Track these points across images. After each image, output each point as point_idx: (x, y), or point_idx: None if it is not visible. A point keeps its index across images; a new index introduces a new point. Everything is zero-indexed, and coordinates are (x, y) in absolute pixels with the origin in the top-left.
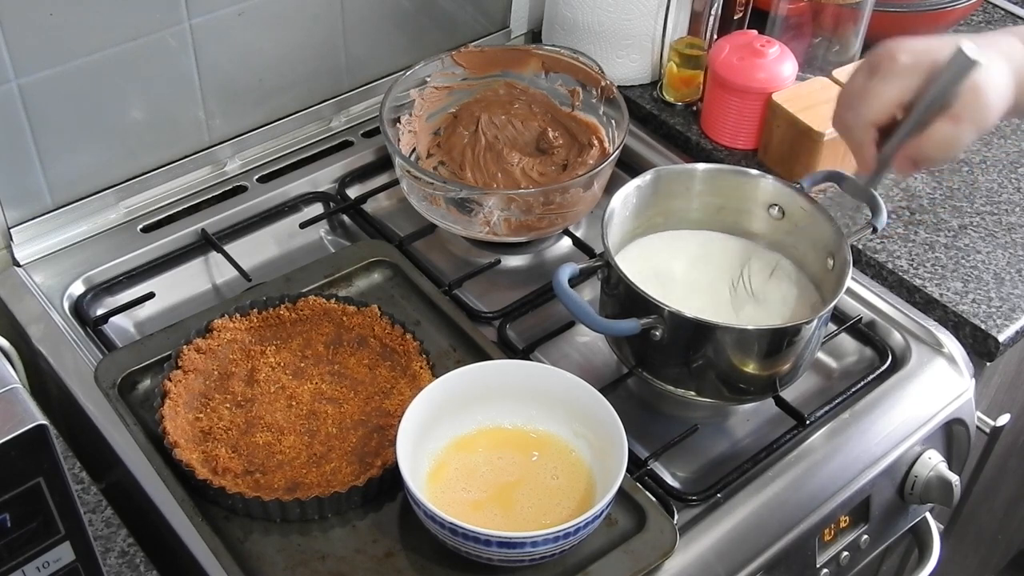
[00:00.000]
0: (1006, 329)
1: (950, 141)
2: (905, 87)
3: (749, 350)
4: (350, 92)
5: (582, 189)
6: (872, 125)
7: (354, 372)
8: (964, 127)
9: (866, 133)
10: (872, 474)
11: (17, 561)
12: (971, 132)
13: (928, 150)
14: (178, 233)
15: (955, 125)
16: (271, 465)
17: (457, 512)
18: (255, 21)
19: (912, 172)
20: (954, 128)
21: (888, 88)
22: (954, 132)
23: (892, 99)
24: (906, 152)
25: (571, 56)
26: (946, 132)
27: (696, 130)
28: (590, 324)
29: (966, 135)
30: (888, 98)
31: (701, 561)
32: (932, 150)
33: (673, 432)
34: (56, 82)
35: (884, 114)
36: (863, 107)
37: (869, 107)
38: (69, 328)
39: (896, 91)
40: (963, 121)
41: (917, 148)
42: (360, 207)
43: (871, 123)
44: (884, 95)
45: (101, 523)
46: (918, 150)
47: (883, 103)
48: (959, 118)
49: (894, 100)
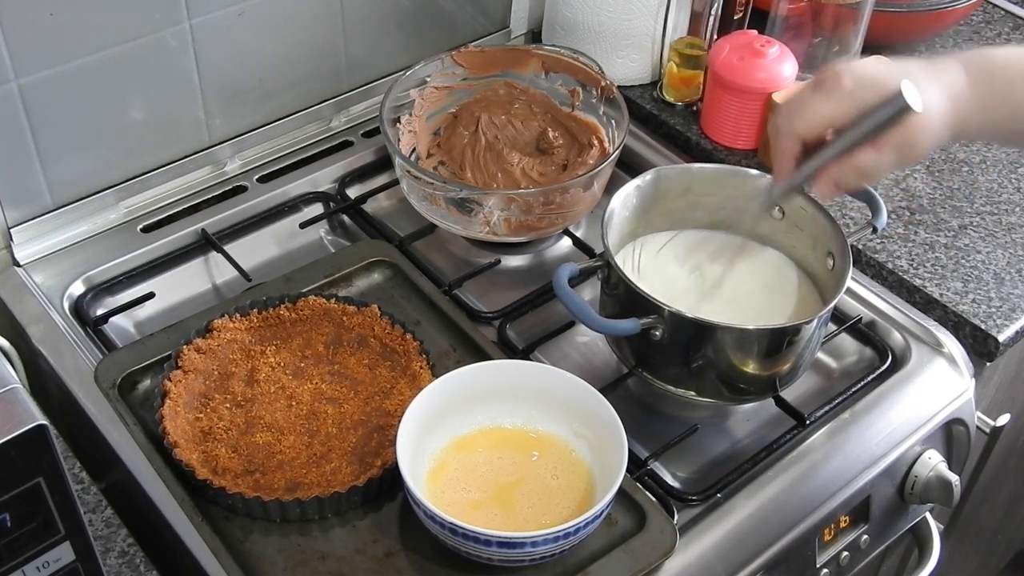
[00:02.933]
0: (1006, 329)
1: (872, 169)
2: (840, 110)
3: (749, 350)
4: (350, 92)
5: (582, 189)
6: (799, 137)
7: (354, 372)
8: (888, 156)
9: (790, 143)
10: (872, 474)
11: (17, 561)
12: (894, 162)
13: (849, 176)
14: (178, 233)
15: (879, 154)
16: (271, 465)
17: (457, 512)
18: (255, 21)
19: (832, 195)
20: (876, 157)
21: (823, 107)
22: (875, 161)
23: (824, 118)
24: (827, 174)
25: (571, 56)
26: (869, 160)
27: (696, 130)
28: (590, 324)
29: (889, 164)
30: (820, 116)
31: (701, 561)
32: (853, 176)
33: (673, 432)
34: (56, 82)
35: (813, 129)
36: (796, 118)
37: (801, 119)
38: (69, 328)
39: (830, 111)
40: (887, 150)
41: (839, 173)
42: (360, 207)
43: (798, 135)
44: (817, 112)
45: (101, 523)
46: (840, 175)
47: (814, 119)
48: (883, 147)
49: (825, 119)
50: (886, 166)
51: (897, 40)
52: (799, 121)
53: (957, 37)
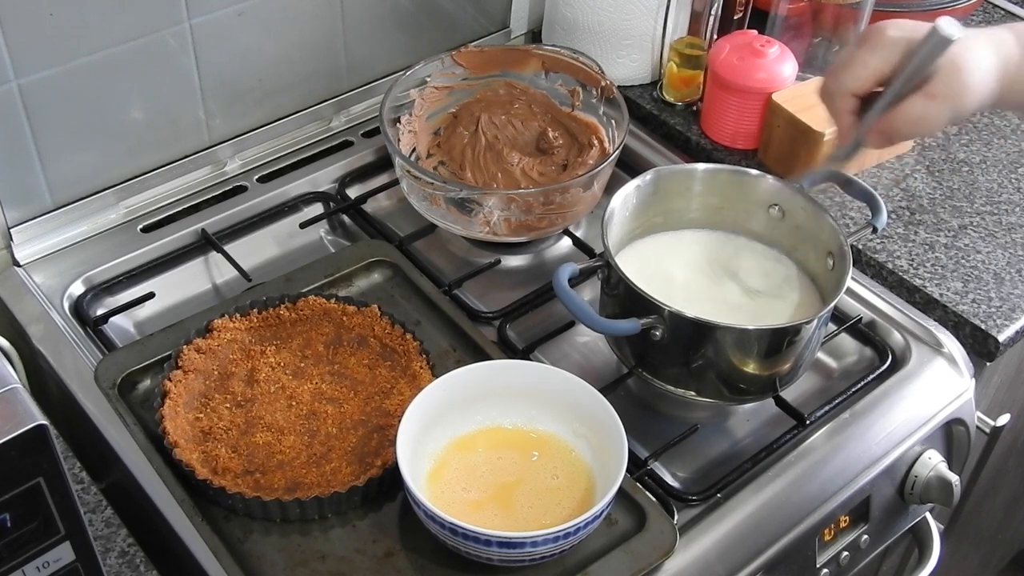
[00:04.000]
0: (1006, 329)
1: (923, 117)
2: (886, 59)
3: (749, 350)
4: (350, 92)
5: (582, 189)
6: (851, 93)
7: (354, 372)
8: (938, 104)
9: (844, 100)
10: (872, 474)
11: (17, 561)
12: (945, 110)
13: (900, 124)
14: (178, 233)
15: (929, 101)
16: (271, 465)
17: (457, 512)
18: (255, 21)
19: (885, 146)
20: (927, 104)
21: (870, 58)
22: (927, 108)
23: (873, 69)
24: (880, 126)
25: (571, 56)
26: (919, 108)
27: (696, 130)
28: (590, 324)
29: (940, 112)
30: (869, 68)
31: (701, 561)
32: (904, 124)
33: (673, 432)
34: (56, 82)
35: (864, 83)
36: (845, 75)
37: (850, 75)
38: (69, 328)
39: (877, 62)
40: (937, 98)
41: (890, 122)
42: (360, 207)
43: (850, 90)
44: (865, 65)
45: (101, 523)
46: (891, 124)
47: (864, 72)
48: (934, 95)
49: (874, 70)
50: (937, 114)
51: None
52: (848, 77)
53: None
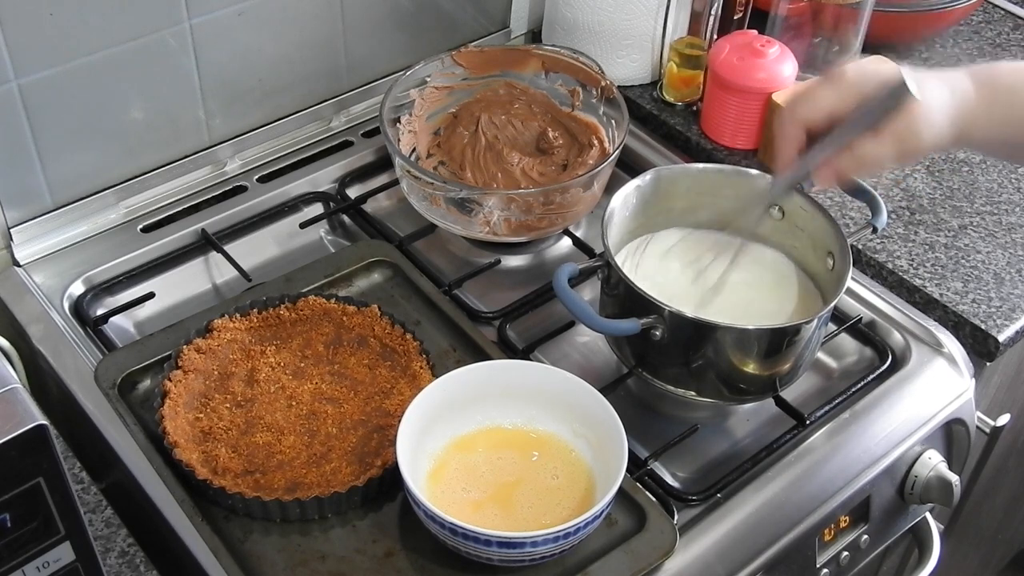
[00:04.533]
0: (1006, 329)
1: (870, 158)
2: (842, 99)
3: (749, 350)
4: (350, 92)
5: (582, 189)
6: (802, 123)
7: (354, 372)
8: (886, 144)
9: (793, 129)
10: (872, 474)
11: (17, 561)
12: (893, 154)
13: (848, 163)
14: (178, 233)
15: (878, 144)
16: (271, 465)
17: (457, 512)
18: (255, 21)
19: (831, 185)
20: (876, 147)
21: (826, 95)
22: (875, 150)
23: (826, 105)
24: (828, 164)
25: (571, 56)
26: (868, 149)
27: (696, 130)
28: (590, 324)
29: (887, 156)
30: (823, 103)
31: (701, 561)
32: (852, 164)
33: (673, 432)
34: (56, 82)
35: (815, 118)
36: (799, 107)
37: (804, 108)
38: (69, 328)
39: (832, 100)
40: (887, 142)
41: (839, 162)
42: (360, 207)
43: (801, 121)
44: (820, 100)
45: (101, 523)
46: (839, 163)
47: (816, 106)
48: (883, 138)
49: (828, 107)
50: (886, 156)
51: (897, 40)
52: (802, 108)
53: (957, 37)
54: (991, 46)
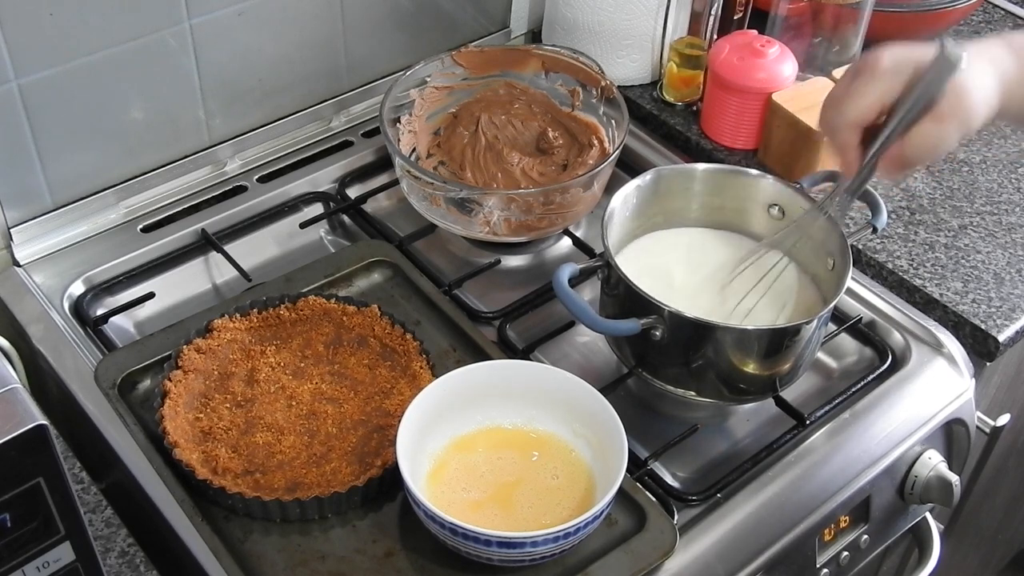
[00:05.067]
0: (1006, 329)
1: (935, 141)
2: (887, 88)
3: (749, 350)
4: (350, 92)
5: (582, 189)
6: (856, 125)
7: (354, 372)
8: (948, 127)
9: (850, 133)
10: (872, 474)
11: (17, 561)
12: (955, 132)
13: (913, 151)
14: (178, 233)
15: (939, 125)
16: (271, 465)
17: (457, 512)
18: (255, 21)
19: (899, 175)
20: (938, 128)
21: (871, 89)
22: (938, 132)
23: (875, 100)
24: (891, 154)
25: (571, 56)
26: (930, 132)
27: (696, 130)
28: (590, 324)
29: (951, 135)
30: (871, 99)
31: (701, 561)
32: (917, 151)
33: (673, 432)
34: (56, 82)
35: (867, 115)
36: (847, 107)
37: (852, 107)
38: (69, 328)
39: (879, 92)
40: (947, 121)
41: (901, 149)
42: (360, 207)
43: (854, 123)
44: (867, 96)
45: (101, 523)
46: (903, 151)
47: (866, 104)
48: (943, 118)
49: (877, 101)
50: (949, 136)
51: (897, 40)
52: (850, 109)
53: (957, 37)
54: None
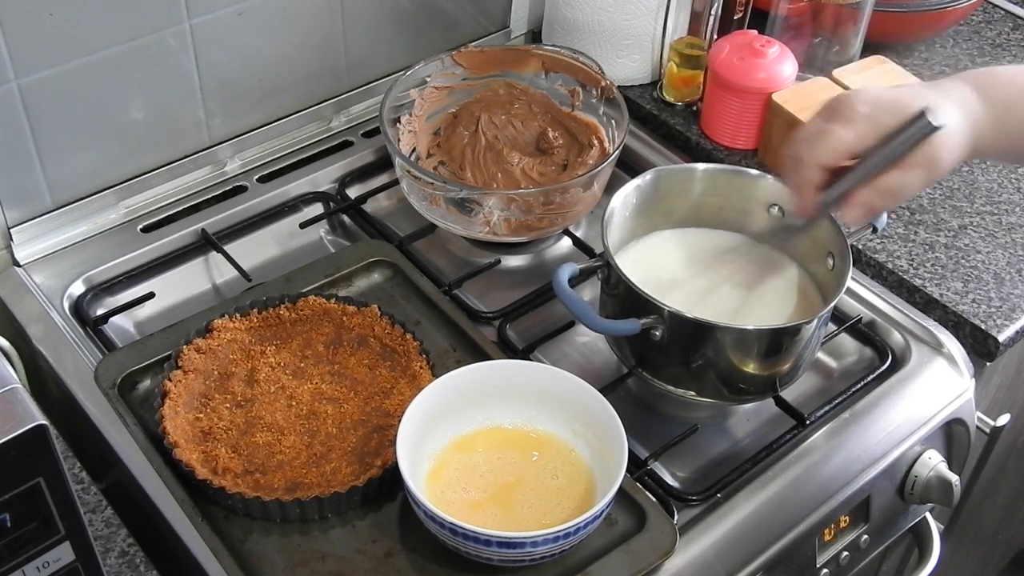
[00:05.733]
0: (1006, 329)
1: (901, 188)
2: (861, 135)
3: (749, 350)
4: (350, 92)
5: (582, 189)
6: (823, 166)
7: (354, 372)
8: (915, 174)
9: (814, 172)
10: (872, 474)
11: (17, 561)
12: (921, 182)
13: (879, 198)
14: (178, 233)
15: (906, 173)
16: (271, 465)
17: (457, 512)
18: (255, 21)
19: (863, 221)
20: (904, 176)
21: (845, 134)
22: (903, 180)
23: (847, 144)
24: (858, 199)
25: (571, 56)
26: (896, 180)
27: (696, 130)
28: (590, 324)
29: (915, 183)
30: (843, 143)
31: (701, 561)
32: (883, 197)
33: (673, 432)
34: (56, 82)
35: (837, 157)
36: (818, 147)
37: (823, 147)
38: (69, 328)
39: (852, 138)
40: (913, 169)
41: (869, 196)
42: (360, 207)
43: (821, 164)
44: (840, 139)
45: (101, 523)
46: (870, 198)
47: (838, 147)
48: (910, 166)
49: (848, 146)
50: (915, 185)
51: (897, 40)
52: (822, 150)
53: (957, 37)
54: (991, 46)
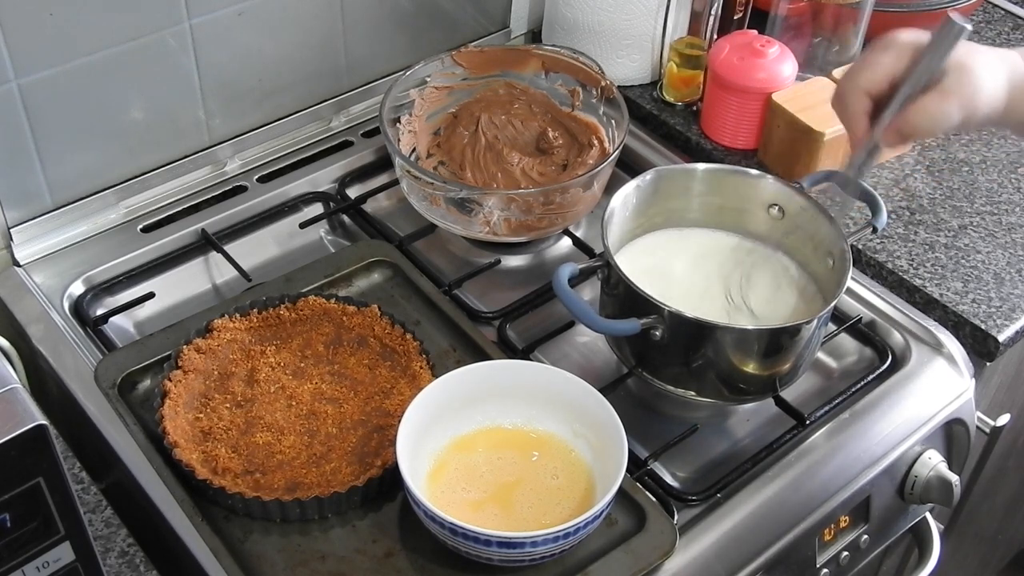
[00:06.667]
0: (1006, 329)
1: (937, 113)
2: (898, 59)
3: (749, 350)
4: (350, 92)
5: (582, 189)
6: (865, 92)
7: (354, 372)
8: (951, 101)
9: (860, 100)
10: (872, 474)
11: (17, 561)
12: (957, 109)
13: (916, 121)
14: (178, 233)
15: (942, 99)
16: (271, 465)
17: (457, 512)
18: (255, 21)
19: (899, 145)
20: (940, 102)
21: (883, 58)
22: (940, 106)
23: (886, 69)
24: (895, 124)
25: (571, 56)
26: (932, 105)
27: (696, 130)
28: (590, 324)
29: (952, 111)
30: (882, 68)
31: (701, 561)
32: (920, 121)
33: (673, 432)
34: (56, 82)
35: (878, 82)
36: (858, 75)
37: (864, 75)
38: (69, 328)
39: (890, 62)
40: (950, 95)
41: (906, 119)
42: (360, 207)
43: (864, 90)
44: (878, 65)
45: (101, 523)
46: (906, 121)
47: (877, 72)
48: (946, 93)
49: (888, 70)
50: (951, 111)
51: None
52: (862, 77)
53: None
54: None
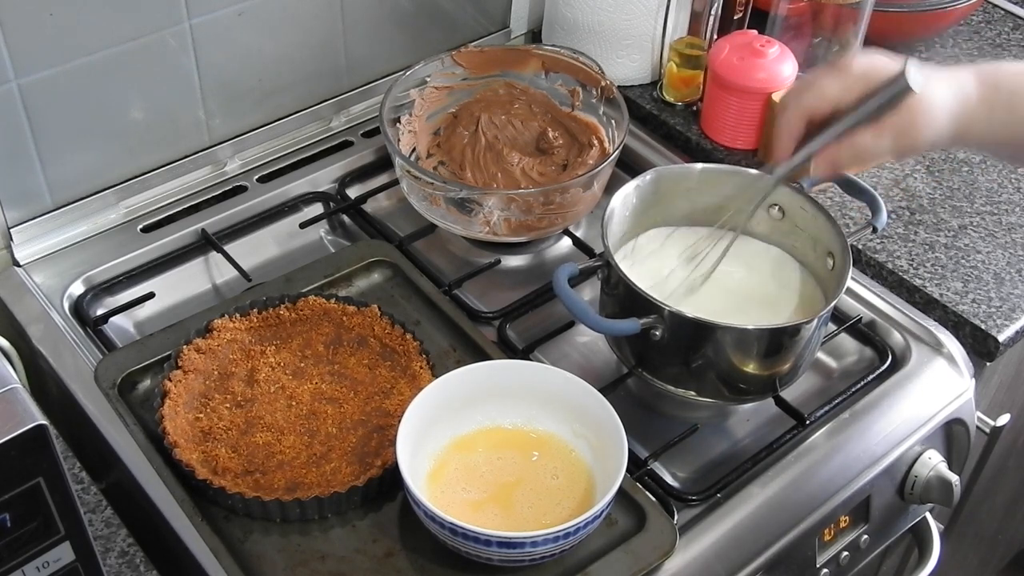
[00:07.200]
0: (1006, 329)
1: (867, 151)
2: (847, 89)
3: (749, 350)
4: (350, 92)
5: (582, 189)
6: (804, 113)
7: (354, 372)
8: (884, 141)
9: (795, 118)
10: (872, 474)
11: (17, 561)
12: (890, 148)
13: (845, 155)
14: (178, 233)
15: (876, 137)
16: (271, 465)
17: (457, 512)
18: (255, 21)
19: (828, 177)
20: (874, 139)
21: (831, 84)
22: (873, 143)
23: (831, 95)
24: (827, 155)
25: (571, 56)
26: (866, 142)
27: (696, 130)
28: (590, 324)
29: (884, 149)
30: (828, 93)
31: (701, 561)
32: (849, 156)
33: (673, 432)
34: (56, 82)
35: (819, 106)
36: (804, 94)
37: (809, 95)
38: (69, 328)
39: (837, 89)
40: (884, 129)
41: (837, 152)
42: (360, 207)
43: (804, 110)
44: (825, 89)
45: (101, 523)
46: (838, 154)
47: (821, 96)
48: (882, 130)
49: (833, 97)
50: (883, 149)
51: (897, 40)
52: (807, 96)
53: (957, 37)
54: (991, 46)
